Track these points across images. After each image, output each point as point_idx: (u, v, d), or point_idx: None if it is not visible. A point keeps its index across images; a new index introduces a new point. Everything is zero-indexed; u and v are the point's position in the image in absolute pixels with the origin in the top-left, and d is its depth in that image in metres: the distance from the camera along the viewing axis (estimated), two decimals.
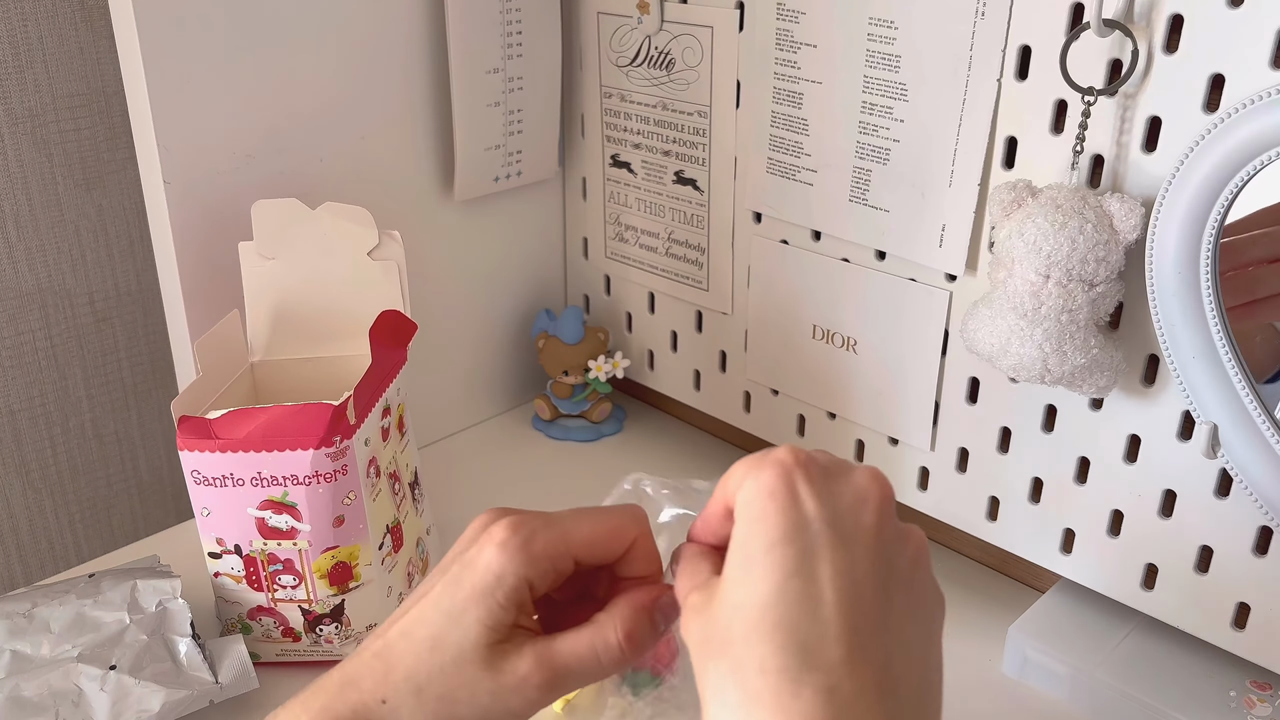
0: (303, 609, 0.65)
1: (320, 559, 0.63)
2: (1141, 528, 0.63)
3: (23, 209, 0.85)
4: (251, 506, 0.62)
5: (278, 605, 0.65)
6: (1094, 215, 0.56)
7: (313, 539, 0.62)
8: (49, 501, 0.93)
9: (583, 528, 0.43)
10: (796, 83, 0.71)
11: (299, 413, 0.60)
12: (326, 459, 0.61)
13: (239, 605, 0.65)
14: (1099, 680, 0.64)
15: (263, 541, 0.63)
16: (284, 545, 0.63)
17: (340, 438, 0.61)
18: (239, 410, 0.60)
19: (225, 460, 0.60)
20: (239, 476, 0.61)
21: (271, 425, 0.60)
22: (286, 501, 0.61)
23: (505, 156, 0.86)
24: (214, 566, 0.64)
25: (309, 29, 0.74)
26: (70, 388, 0.92)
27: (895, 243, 0.69)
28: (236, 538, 0.63)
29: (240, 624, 0.66)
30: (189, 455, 0.61)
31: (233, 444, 0.60)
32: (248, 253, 0.71)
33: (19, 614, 0.61)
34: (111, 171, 0.89)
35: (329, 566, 0.63)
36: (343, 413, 0.61)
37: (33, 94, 0.83)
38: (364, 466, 0.63)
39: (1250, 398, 0.55)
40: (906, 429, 0.73)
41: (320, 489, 0.61)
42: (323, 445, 0.60)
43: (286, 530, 0.62)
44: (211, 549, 0.64)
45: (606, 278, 0.92)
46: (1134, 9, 0.55)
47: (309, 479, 0.61)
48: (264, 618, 0.65)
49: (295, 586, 0.64)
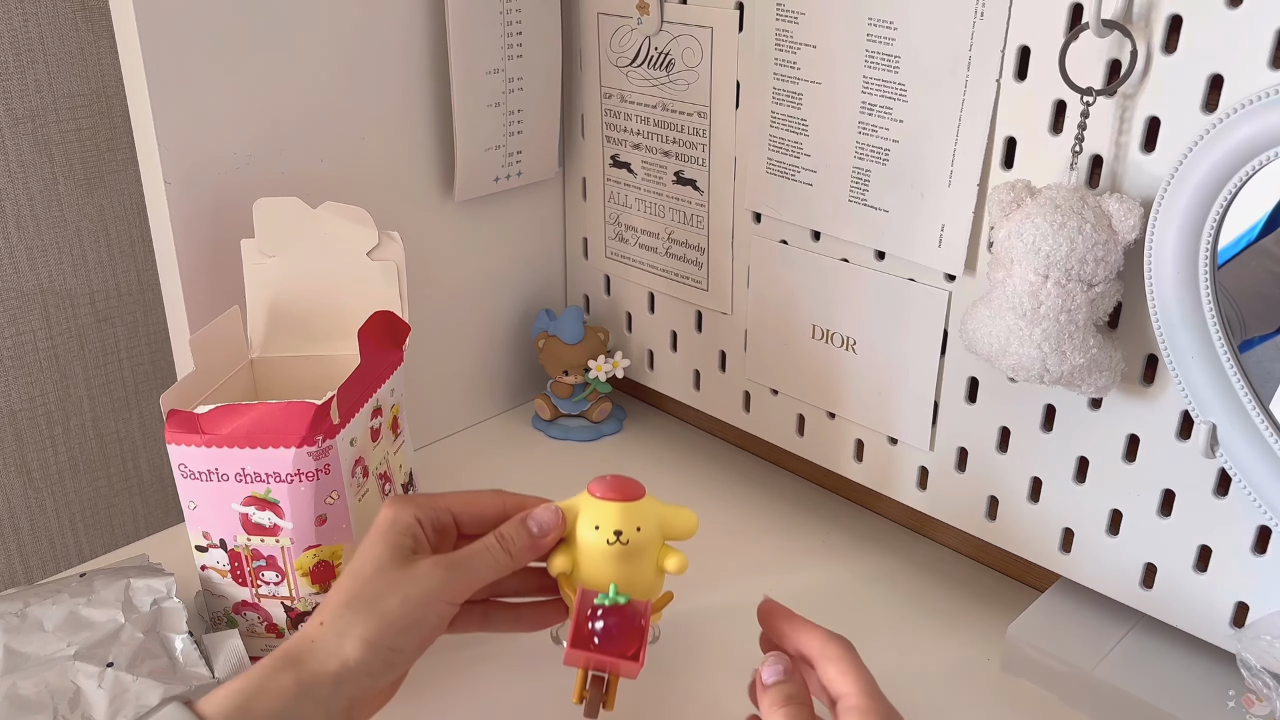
0: (285, 605, 0.65)
1: (302, 557, 0.63)
2: (1140, 527, 0.63)
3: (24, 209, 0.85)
4: (236, 502, 0.62)
5: (261, 601, 0.65)
6: (1093, 215, 0.56)
7: (295, 536, 0.63)
8: (50, 501, 0.93)
9: (458, 496, 0.58)
10: (796, 83, 0.72)
11: (283, 411, 0.60)
12: (309, 458, 0.61)
13: (225, 599, 0.65)
14: (1098, 680, 0.64)
15: (246, 537, 0.63)
16: (267, 542, 0.63)
17: (323, 437, 0.61)
18: (226, 406, 0.60)
19: (211, 455, 0.61)
20: (224, 472, 0.61)
21: (256, 422, 0.60)
22: (269, 498, 0.62)
23: (505, 157, 0.86)
24: (201, 560, 0.64)
25: (310, 29, 0.74)
26: (71, 387, 0.92)
27: (894, 243, 0.69)
28: (222, 532, 0.63)
29: (227, 618, 0.66)
30: (176, 449, 0.61)
31: (218, 439, 0.60)
32: (249, 249, 0.71)
33: (12, 614, 0.61)
34: (112, 171, 0.89)
35: (311, 564, 0.63)
36: (326, 412, 0.61)
37: (33, 94, 0.83)
38: (349, 467, 0.63)
39: (1249, 397, 0.55)
40: (906, 429, 0.73)
41: (302, 487, 0.61)
42: (304, 444, 0.60)
43: (269, 527, 0.62)
44: (199, 542, 0.64)
45: (606, 278, 0.93)
46: (1133, 9, 0.55)
47: (291, 477, 0.61)
48: (249, 612, 0.65)
49: (278, 583, 0.64)
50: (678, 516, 0.58)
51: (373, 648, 0.50)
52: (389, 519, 0.55)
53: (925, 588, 0.76)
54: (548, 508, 0.57)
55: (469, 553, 0.55)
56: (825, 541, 0.81)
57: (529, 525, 0.56)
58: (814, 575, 0.77)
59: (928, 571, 0.78)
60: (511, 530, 0.56)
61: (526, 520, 0.56)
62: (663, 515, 0.58)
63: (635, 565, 0.56)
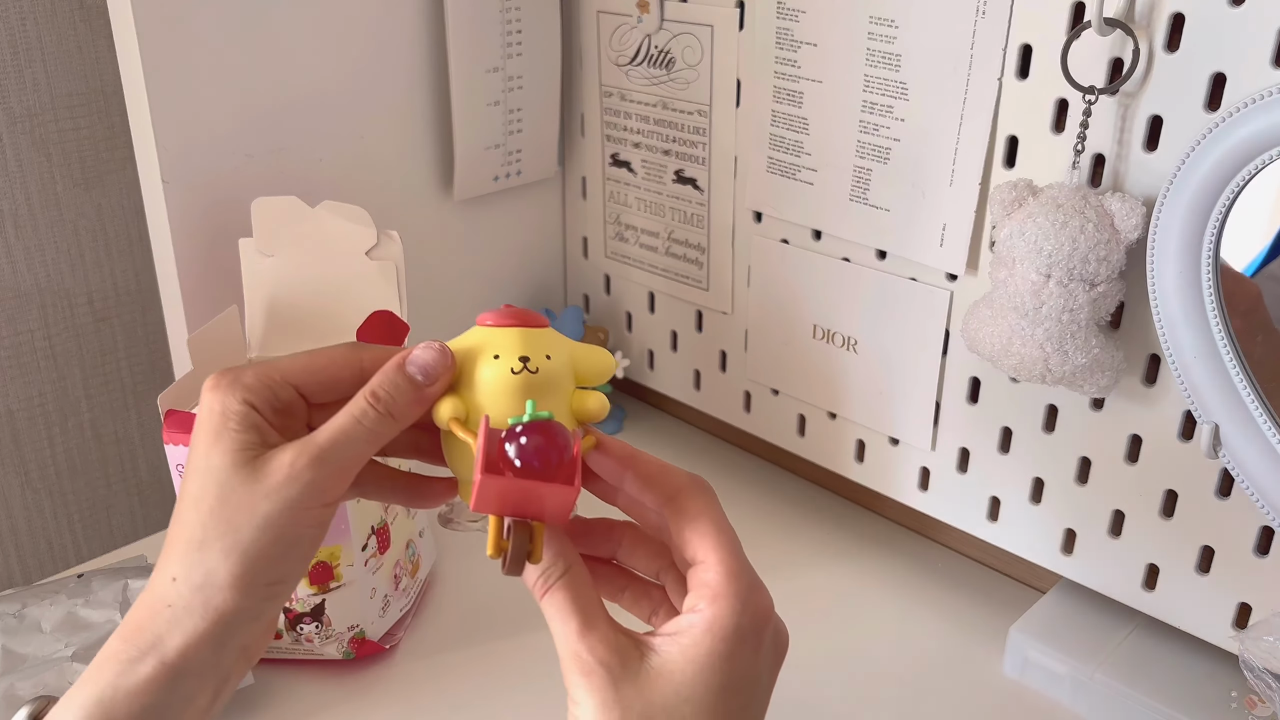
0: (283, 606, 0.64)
1: None
2: (1143, 528, 0.63)
3: (21, 208, 0.85)
4: None
5: None
6: (1095, 215, 0.56)
7: None
8: (48, 502, 0.93)
9: (297, 359, 0.43)
10: (797, 81, 0.71)
11: None
12: None
13: None
14: (1100, 681, 0.64)
15: None
16: None
17: None
18: None
19: None
20: None
21: None
22: None
23: (505, 156, 0.86)
24: None
25: (308, 28, 0.73)
26: (69, 388, 0.92)
27: (896, 242, 0.69)
28: None
29: None
30: (174, 449, 0.61)
31: None
32: (247, 249, 0.70)
33: (9, 614, 0.61)
34: (110, 171, 0.88)
35: None
36: None
37: (31, 93, 0.83)
38: None
39: (1252, 397, 0.55)
40: (907, 429, 0.73)
41: None
42: None
43: None
44: None
45: (606, 277, 0.92)
46: (1135, 8, 0.55)
47: None
48: None
49: None
50: (591, 354, 0.46)
51: (245, 590, 0.40)
52: (216, 411, 0.41)
53: (926, 589, 0.76)
54: (429, 346, 0.43)
55: (334, 431, 0.41)
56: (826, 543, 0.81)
57: (408, 371, 0.42)
58: (815, 576, 0.77)
59: (929, 572, 0.78)
60: (387, 383, 0.42)
61: (405, 366, 0.42)
62: (573, 351, 0.46)
63: (548, 403, 0.43)
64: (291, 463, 0.40)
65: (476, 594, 0.75)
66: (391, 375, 0.42)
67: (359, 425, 0.41)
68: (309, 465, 0.40)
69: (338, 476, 0.41)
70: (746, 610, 0.40)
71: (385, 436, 0.42)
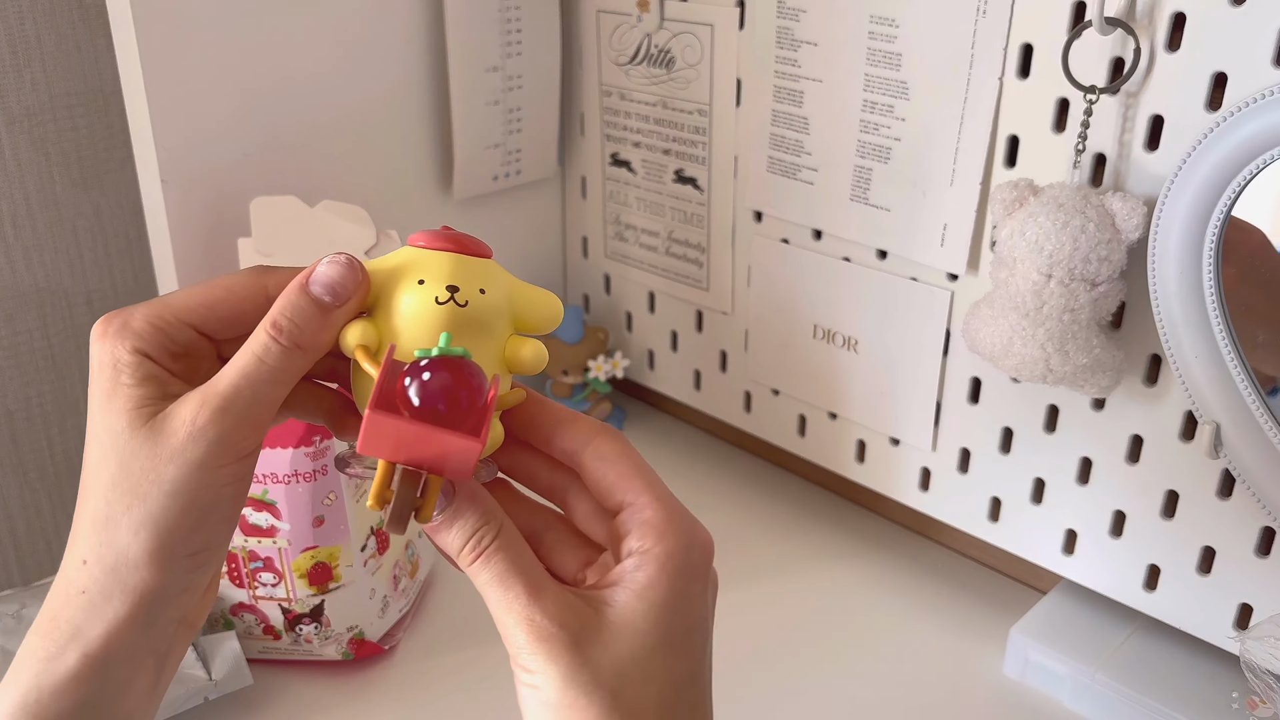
0: (282, 607, 0.64)
1: (299, 558, 0.63)
2: (1144, 528, 0.63)
3: (20, 208, 0.85)
4: None
5: (258, 603, 0.65)
6: (1096, 214, 0.56)
7: (292, 538, 0.62)
8: (46, 502, 0.93)
9: (193, 293, 0.38)
10: (797, 81, 0.71)
11: None
12: (306, 459, 0.61)
13: (222, 600, 0.65)
14: (1101, 681, 0.64)
15: (244, 538, 0.63)
16: (264, 543, 0.63)
17: (320, 438, 0.61)
18: None
19: None
20: None
21: None
22: (266, 499, 0.61)
23: (504, 155, 0.86)
24: None
25: (308, 29, 0.73)
26: (68, 388, 0.91)
27: (896, 242, 0.69)
28: None
29: (223, 620, 0.66)
30: None
31: None
32: (246, 249, 0.70)
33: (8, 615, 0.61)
34: (109, 170, 0.88)
35: (308, 566, 0.63)
36: None
37: (30, 93, 0.83)
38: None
39: (1253, 398, 0.55)
40: (908, 429, 0.73)
41: (299, 488, 0.61)
42: (302, 445, 0.60)
43: (266, 528, 0.62)
44: None
45: (606, 277, 0.92)
46: (1136, 7, 0.55)
47: (288, 478, 0.61)
48: (245, 614, 0.65)
49: (275, 585, 0.64)
50: (535, 297, 0.41)
51: (164, 566, 0.36)
52: (107, 364, 0.36)
53: (927, 589, 0.76)
54: (335, 259, 0.37)
55: (235, 375, 0.36)
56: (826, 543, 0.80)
57: (313, 292, 0.36)
58: (815, 577, 0.77)
59: (930, 573, 0.78)
60: (288, 308, 0.36)
61: (307, 285, 0.37)
62: (515, 289, 0.40)
63: (475, 343, 0.37)
64: (193, 419, 0.35)
65: (476, 595, 0.74)
66: (293, 298, 0.36)
67: (262, 365, 0.36)
68: (212, 420, 0.35)
69: (248, 427, 0.36)
70: (695, 544, 0.38)
71: (296, 372, 0.37)
